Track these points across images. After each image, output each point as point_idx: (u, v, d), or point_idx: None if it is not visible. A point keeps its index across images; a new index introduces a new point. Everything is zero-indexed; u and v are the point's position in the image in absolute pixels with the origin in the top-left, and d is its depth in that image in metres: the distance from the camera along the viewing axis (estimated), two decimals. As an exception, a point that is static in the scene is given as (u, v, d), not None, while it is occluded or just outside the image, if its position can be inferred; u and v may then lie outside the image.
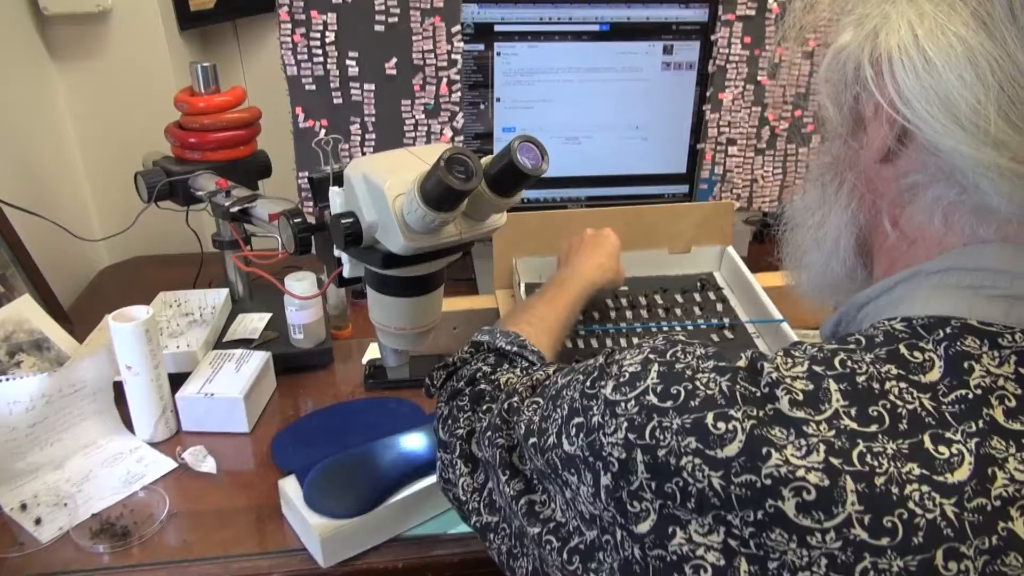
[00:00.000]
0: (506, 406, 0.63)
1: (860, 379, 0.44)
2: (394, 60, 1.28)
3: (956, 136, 0.43)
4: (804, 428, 0.42)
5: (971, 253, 0.47)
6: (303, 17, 1.24)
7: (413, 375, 1.13)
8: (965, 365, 0.43)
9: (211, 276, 1.39)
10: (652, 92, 1.37)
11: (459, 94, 1.32)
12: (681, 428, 0.45)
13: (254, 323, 1.25)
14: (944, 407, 0.42)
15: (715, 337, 1.11)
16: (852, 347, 0.46)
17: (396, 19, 1.25)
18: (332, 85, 1.28)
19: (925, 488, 0.40)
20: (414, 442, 0.92)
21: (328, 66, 1.27)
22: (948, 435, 0.42)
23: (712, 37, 1.34)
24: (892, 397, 0.43)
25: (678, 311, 1.17)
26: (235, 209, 1.05)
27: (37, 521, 0.90)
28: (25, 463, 0.96)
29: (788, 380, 0.44)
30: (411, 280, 0.78)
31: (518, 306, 0.90)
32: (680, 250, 1.27)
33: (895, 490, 0.40)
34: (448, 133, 1.34)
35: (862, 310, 0.53)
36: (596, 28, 1.31)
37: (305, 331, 1.19)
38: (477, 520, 0.64)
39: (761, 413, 0.43)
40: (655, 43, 1.34)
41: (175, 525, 0.91)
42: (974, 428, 0.42)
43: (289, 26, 1.24)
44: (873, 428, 0.42)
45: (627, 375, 0.49)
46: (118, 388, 1.03)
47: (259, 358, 1.11)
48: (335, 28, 1.25)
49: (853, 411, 0.42)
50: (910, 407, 0.42)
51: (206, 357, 1.12)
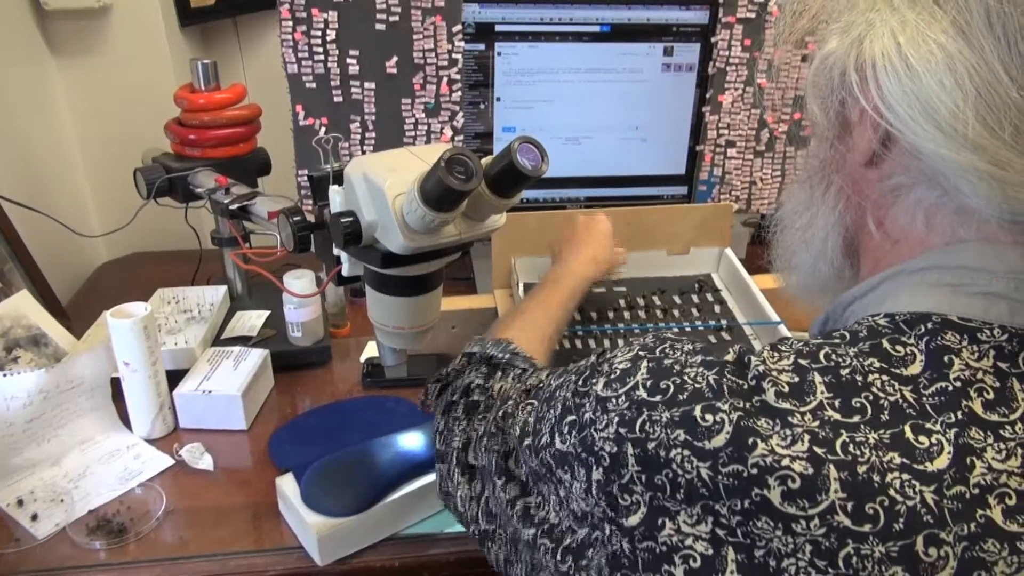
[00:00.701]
0: (501, 413, 0.64)
1: (844, 372, 0.45)
2: (395, 59, 1.28)
3: (937, 140, 0.44)
4: (789, 419, 0.43)
5: (951, 252, 0.48)
6: (304, 15, 1.24)
7: (411, 374, 1.13)
8: (945, 359, 0.45)
9: (209, 273, 1.39)
10: (652, 93, 1.37)
11: (459, 93, 1.32)
12: (670, 421, 0.46)
13: (252, 320, 1.25)
14: (925, 399, 0.44)
15: (712, 339, 1.12)
16: (836, 341, 0.47)
17: (397, 18, 1.25)
18: (332, 83, 1.28)
19: (906, 476, 0.41)
20: (412, 441, 0.92)
21: (329, 64, 1.27)
22: (928, 425, 0.43)
23: (712, 39, 1.34)
24: (875, 389, 0.44)
25: (676, 312, 1.17)
26: (234, 206, 1.05)
27: (34, 517, 0.90)
28: (22, 459, 0.96)
29: (774, 373, 0.46)
30: (410, 279, 0.78)
31: (510, 311, 0.90)
32: (678, 251, 1.27)
33: (877, 478, 0.41)
34: (448, 133, 1.34)
35: (848, 308, 0.54)
36: (597, 29, 1.31)
37: (303, 329, 1.19)
38: (475, 529, 0.65)
39: (748, 405, 0.45)
40: (655, 45, 1.34)
41: (172, 522, 0.91)
42: (953, 419, 0.43)
43: (290, 24, 1.24)
44: (856, 419, 0.43)
45: (617, 372, 0.51)
46: (116, 385, 1.03)
47: (257, 356, 1.11)
48: (336, 26, 1.25)
49: (837, 402, 0.44)
50: (892, 399, 0.44)
51: (204, 354, 1.12)
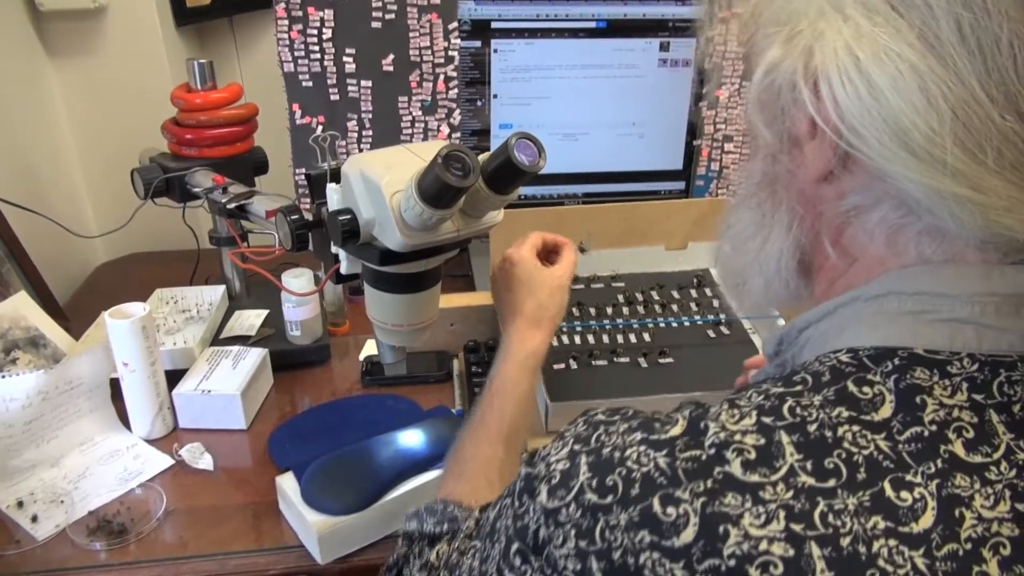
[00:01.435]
0: (446, 572, 0.59)
1: (812, 428, 0.41)
2: (391, 56, 1.28)
3: (910, 165, 0.40)
4: (760, 493, 0.39)
5: (908, 277, 0.45)
6: (300, 13, 1.23)
7: (410, 372, 1.14)
8: (917, 400, 0.42)
9: (208, 273, 1.39)
10: (649, 89, 1.37)
11: (456, 91, 1.32)
12: (630, 523, 0.41)
13: (251, 320, 1.25)
14: (900, 446, 0.41)
15: (711, 333, 1.12)
16: (799, 389, 0.43)
17: (393, 15, 1.25)
18: (329, 82, 1.28)
19: (892, 542, 0.38)
20: (411, 439, 0.92)
21: (325, 63, 1.27)
22: (908, 478, 0.40)
23: (708, 34, 1.34)
24: (847, 444, 0.41)
25: (674, 307, 1.17)
26: (232, 206, 1.05)
27: (34, 518, 0.90)
28: (21, 460, 0.96)
29: (738, 437, 0.41)
30: (408, 277, 0.78)
31: (454, 447, 0.79)
32: (676, 247, 1.27)
33: (863, 549, 0.38)
34: (445, 130, 1.34)
35: (803, 333, 0.51)
36: (593, 25, 1.31)
37: (302, 328, 1.19)
38: None
39: (710, 483, 0.40)
40: (652, 40, 1.34)
41: (172, 522, 0.91)
42: (934, 468, 0.40)
43: (286, 22, 1.24)
44: (832, 483, 0.40)
45: (558, 475, 0.45)
46: (115, 385, 1.03)
47: (256, 355, 1.11)
48: (332, 24, 1.25)
49: (809, 465, 0.40)
50: (866, 452, 0.40)
51: (203, 354, 1.12)
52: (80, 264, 1.55)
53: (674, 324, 1.13)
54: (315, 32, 1.25)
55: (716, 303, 1.18)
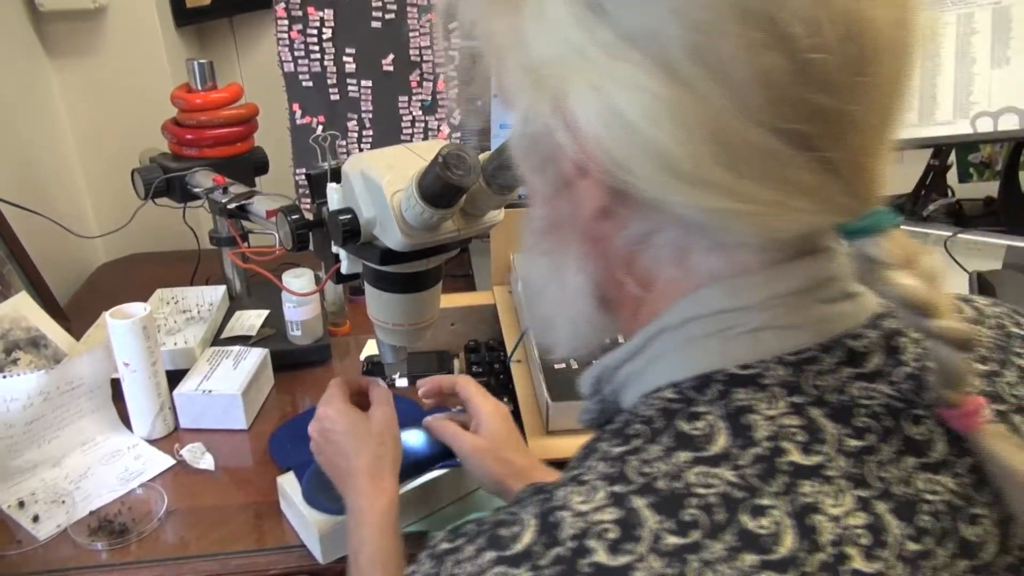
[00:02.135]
0: None
1: (661, 484, 0.40)
2: (391, 56, 1.28)
3: (680, 190, 0.40)
4: (634, 573, 0.37)
5: (703, 299, 0.45)
6: (300, 14, 1.24)
7: (411, 372, 1.14)
8: (744, 421, 0.42)
9: (208, 273, 1.39)
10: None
11: (456, 90, 1.32)
12: None
13: (251, 320, 1.25)
14: (745, 471, 0.40)
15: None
16: (638, 443, 0.42)
17: (393, 15, 1.25)
18: (329, 81, 1.28)
19: (766, 575, 0.37)
20: (411, 439, 0.92)
21: (325, 63, 1.27)
22: (761, 502, 0.39)
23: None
24: (698, 489, 0.40)
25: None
26: (232, 206, 1.05)
27: (35, 519, 0.90)
28: (23, 460, 0.96)
29: (595, 519, 0.39)
30: (409, 276, 0.78)
31: None
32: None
33: None
34: (445, 129, 1.34)
35: (620, 371, 0.50)
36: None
37: (303, 328, 1.19)
38: None
39: None
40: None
41: (173, 522, 0.91)
42: (780, 485, 0.40)
43: (286, 22, 1.24)
44: (696, 535, 0.38)
45: None
46: (115, 385, 1.03)
47: (257, 355, 1.11)
48: (332, 24, 1.25)
49: (670, 524, 0.39)
50: (716, 490, 0.39)
51: (204, 354, 1.12)
52: (81, 264, 1.55)
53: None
54: (315, 32, 1.25)
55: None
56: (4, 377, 0.94)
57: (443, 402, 0.90)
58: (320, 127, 1.31)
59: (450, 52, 1.28)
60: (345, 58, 1.27)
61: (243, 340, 1.20)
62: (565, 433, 0.98)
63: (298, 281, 1.14)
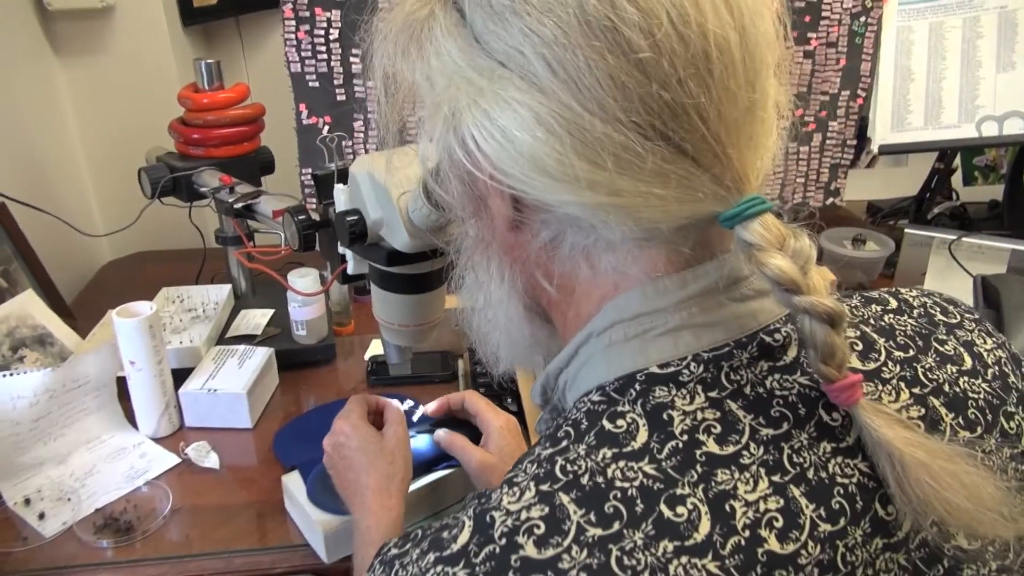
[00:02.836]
0: None
1: (584, 480, 0.43)
2: (397, 57, 1.28)
3: (556, 189, 0.44)
4: (559, 565, 0.40)
5: (622, 305, 0.48)
6: (307, 14, 1.24)
7: (416, 371, 1.14)
8: (664, 416, 0.44)
9: (214, 272, 1.40)
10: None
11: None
12: None
13: (257, 319, 1.26)
14: (664, 464, 0.43)
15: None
16: (565, 445, 0.45)
17: (399, 16, 1.26)
18: (336, 82, 1.28)
19: (684, 559, 0.40)
20: (417, 440, 0.92)
21: (332, 63, 1.27)
22: (679, 492, 0.42)
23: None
24: (619, 483, 0.42)
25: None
26: (239, 205, 1.05)
27: (41, 516, 0.90)
28: (29, 458, 0.96)
29: (524, 516, 0.42)
30: (415, 277, 0.78)
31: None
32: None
33: None
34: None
35: (559, 378, 0.53)
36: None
37: (308, 327, 1.19)
38: None
39: (510, 574, 0.41)
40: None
41: (178, 520, 0.91)
42: (696, 475, 0.42)
43: (293, 23, 1.24)
44: (616, 526, 0.41)
45: None
46: (121, 383, 1.03)
47: (262, 354, 1.12)
48: (339, 25, 1.25)
49: (592, 516, 0.41)
50: (636, 483, 0.42)
51: (209, 353, 1.12)
52: (87, 263, 1.55)
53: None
54: (322, 32, 1.25)
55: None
56: (11, 375, 0.94)
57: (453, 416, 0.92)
58: (326, 128, 1.31)
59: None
60: (352, 59, 1.27)
61: (248, 339, 1.20)
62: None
63: (303, 281, 1.14)
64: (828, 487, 0.43)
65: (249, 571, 0.85)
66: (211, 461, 0.99)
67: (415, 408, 0.91)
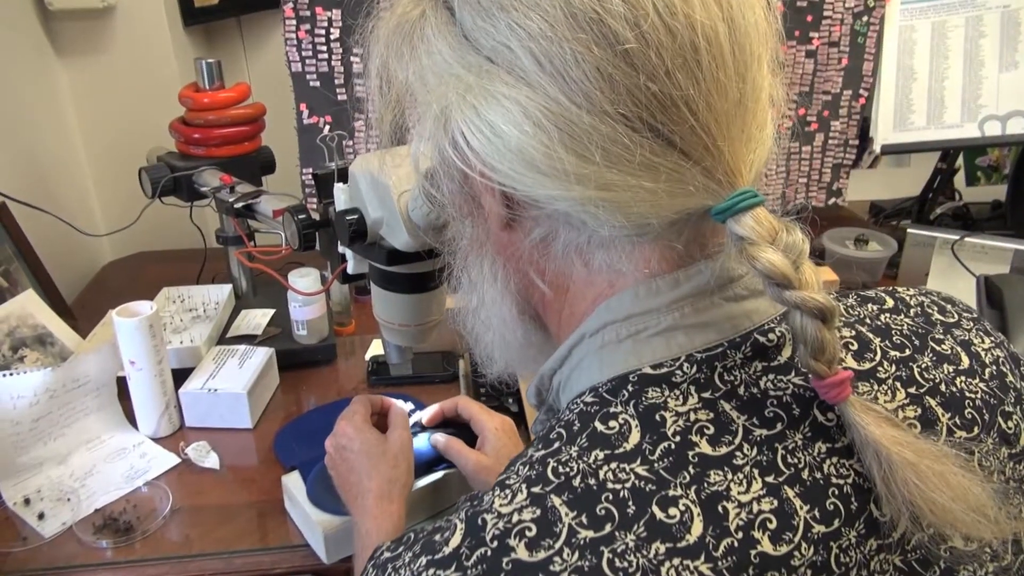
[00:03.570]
0: None
1: (576, 482, 0.42)
2: (398, 57, 1.28)
3: (544, 184, 0.43)
4: (551, 567, 0.40)
5: (615, 305, 0.48)
6: (308, 14, 1.24)
7: (416, 371, 1.14)
8: (657, 417, 0.44)
9: (214, 272, 1.40)
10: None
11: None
12: None
13: (257, 319, 1.26)
14: (656, 465, 0.42)
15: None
16: (557, 446, 0.45)
17: (400, 16, 1.25)
18: (336, 81, 1.28)
19: (676, 560, 0.40)
20: (417, 441, 0.92)
21: (332, 62, 1.27)
22: (671, 493, 0.41)
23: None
24: (610, 485, 0.42)
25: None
26: (239, 205, 1.05)
27: (40, 516, 0.90)
28: (28, 458, 0.96)
29: (515, 519, 0.42)
30: (415, 276, 0.78)
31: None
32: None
33: None
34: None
35: (553, 379, 0.53)
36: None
37: (308, 327, 1.19)
38: None
39: None
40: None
41: (178, 520, 0.91)
42: (688, 476, 0.42)
43: (294, 22, 1.24)
44: (608, 528, 0.41)
45: None
46: (121, 383, 1.03)
47: (262, 354, 1.12)
48: (339, 24, 1.25)
49: (584, 519, 0.41)
50: (628, 484, 0.42)
51: (209, 353, 1.12)
52: (87, 262, 1.55)
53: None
54: (323, 32, 1.25)
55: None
56: (11, 374, 0.94)
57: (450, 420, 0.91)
58: (327, 127, 1.31)
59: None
60: (352, 58, 1.27)
61: (249, 339, 1.20)
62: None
63: (304, 280, 1.14)
64: (823, 488, 0.43)
65: (249, 571, 0.85)
66: (211, 461, 0.99)
67: (412, 413, 0.91)
